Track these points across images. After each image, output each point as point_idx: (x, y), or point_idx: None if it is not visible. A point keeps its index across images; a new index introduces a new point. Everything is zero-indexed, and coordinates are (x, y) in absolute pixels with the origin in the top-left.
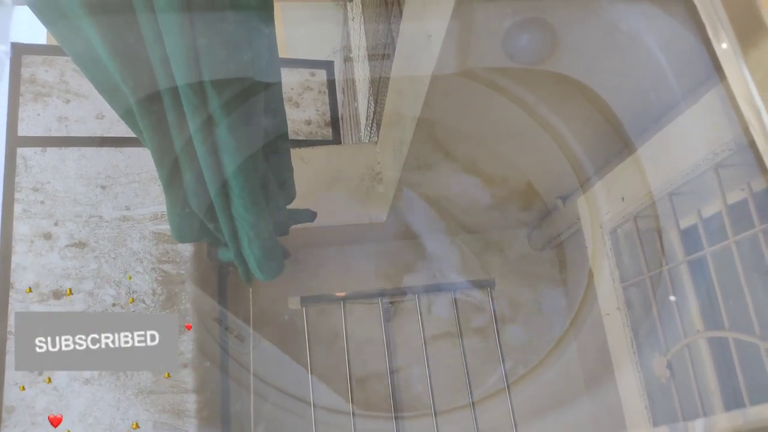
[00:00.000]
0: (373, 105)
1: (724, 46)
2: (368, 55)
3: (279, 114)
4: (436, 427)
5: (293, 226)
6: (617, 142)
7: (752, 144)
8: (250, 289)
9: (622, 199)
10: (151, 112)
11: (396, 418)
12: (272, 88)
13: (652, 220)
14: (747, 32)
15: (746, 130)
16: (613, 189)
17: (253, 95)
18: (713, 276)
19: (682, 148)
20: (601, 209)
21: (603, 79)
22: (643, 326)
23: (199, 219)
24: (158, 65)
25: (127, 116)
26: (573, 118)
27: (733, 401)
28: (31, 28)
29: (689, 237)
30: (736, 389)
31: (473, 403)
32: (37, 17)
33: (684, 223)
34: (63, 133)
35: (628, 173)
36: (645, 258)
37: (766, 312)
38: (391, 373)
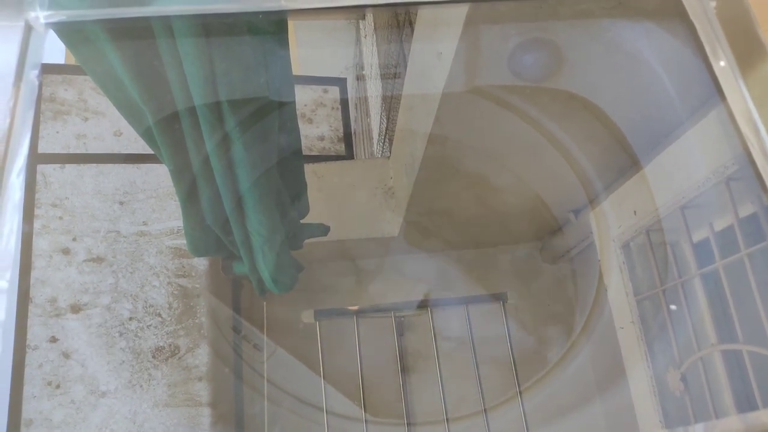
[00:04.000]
0: (385, 121)
1: (722, 63)
2: (380, 73)
3: (293, 131)
4: None
5: (307, 240)
6: (626, 157)
7: (752, 162)
8: (264, 303)
9: (634, 212)
10: (169, 131)
11: (408, 424)
12: (286, 107)
13: (664, 233)
14: (745, 51)
15: (746, 147)
16: (625, 203)
17: (268, 114)
18: (726, 289)
19: (693, 162)
20: (613, 223)
21: (608, 96)
22: (657, 340)
23: (214, 233)
24: (177, 87)
25: (146, 135)
26: (581, 133)
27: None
28: (50, 48)
29: (702, 250)
30: (751, 402)
31: (485, 410)
32: (63, 41)
33: (696, 237)
34: (81, 150)
35: (639, 187)
36: (658, 271)
37: None
38: (404, 385)
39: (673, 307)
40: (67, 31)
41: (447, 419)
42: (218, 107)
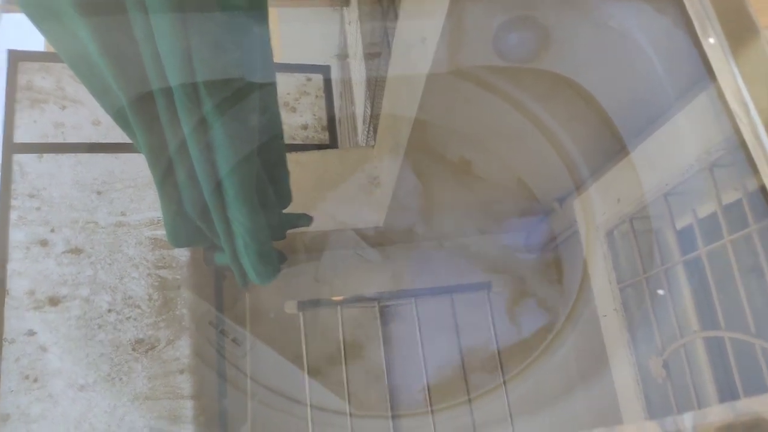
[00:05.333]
0: (369, 109)
1: (712, 41)
2: (364, 54)
3: (274, 115)
4: (434, 425)
5: (290, 231)
6: (612, 144)
7: (742, 142)
8: (247, 294)
9: (618, 200)
10: (143, 113)
11: (393, 417)
12: (267, 89)
13: (648, 221)
14: (735, 29)
15: (736, 127)
16: (609, 191)
17: (247, 95)
18: (709, 276)
19: (677, 149)
20: (597, 211)
21: (595, 78)
22: (640, 327)
23: (194, 223)
24: (150, 65)
25: (119, 118)
26: (567, 118)
27: (729, 400)
28: (29, 35)
29: (685, 237)
30: (732, 388)
31: (470, 400)
32: (27, 16)
33: (680, 224)
34: (59, 140)
35: (623, 175)
36: (641, 259)
37: (761, 311)
38: (388, 375)
39: (660, 291)
40: (32, 6)
41: (430, 401)
42: (194, 87)
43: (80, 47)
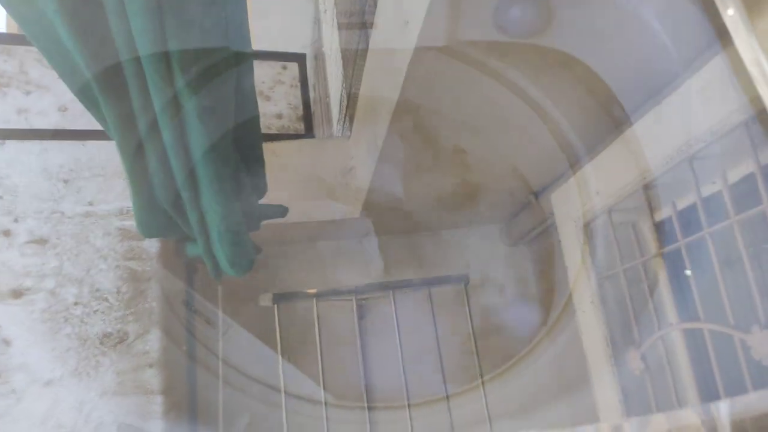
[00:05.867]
0: (346, 100)
1: (731, 12)
2: (339, 24)
3: (249, 95)
4: (410, 419)
5: (264, 222)
6: (592, 136)
7: (761, 112)
8: (219, 286)
9: (597, 193)
10: (113, 94)
11: (369, 408)
12: (242, 66)
13: (626, 213)
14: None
15: (754, 99)
16: (588, 183)
17: (222, 72)
18: (688, 267)
19: (656, 141)
20: (575, 204)
21: (598, 55)
22: (617, 320)
23: (166, 212)
24: (122, 43)
25: (87, 100)
26: (548, 107)
27: (707, 393)
28: None
29: (664, 229)
30: (710, 381)
31: (448, 397)
32: None
33: (660, 216)
34: (23, 126)
35: (602, 167)
36: (619, 251)
37: (740, 303)
38: (365, 369)
39: (687, 272)
40: None
41: (408, 395)
42: (168, 65)
43: (48, 25)
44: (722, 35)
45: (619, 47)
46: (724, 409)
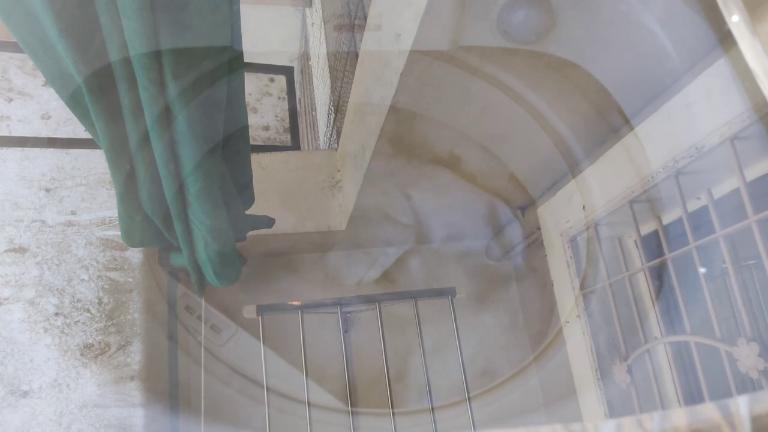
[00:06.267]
0: (333, 113)
1: (735, 18)
2: (332, 26)
3: (240, 106)
4: (394, 428)
5: (250, 232)
6: (578, 150)
7: (764, 116)
8: (202, 298)
9: (583, 207)
10: (104, 101)
11: (353, 413)
12: (234, 76)
13: (612, 227)
14: (755, 4)
15: (758, 105)
16: (574, 198)
17: (214, 82)
18: (674, 281)
19: (643, 156)
20: (561, 218)
21: (597, 63)
22: (604, 333)
23: (152, 221)
24: (113, 47)
25: (77, 107)
26: (538, 122)
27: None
28: None
29: (650, 243)
30: (696, 393)
31: (432, 409)
32: None
33: (646, 229)
34: (4, 133)
35: (588, 182)
36: (606, 265)
37: (725, 316)
38: (350, 383)
39: (702, 270)
40: None
41: (392, 406)
42: (160, 72)
43: (38, 28)
44: (708, 54)
45: (607, 63)
46: (743, 405)
